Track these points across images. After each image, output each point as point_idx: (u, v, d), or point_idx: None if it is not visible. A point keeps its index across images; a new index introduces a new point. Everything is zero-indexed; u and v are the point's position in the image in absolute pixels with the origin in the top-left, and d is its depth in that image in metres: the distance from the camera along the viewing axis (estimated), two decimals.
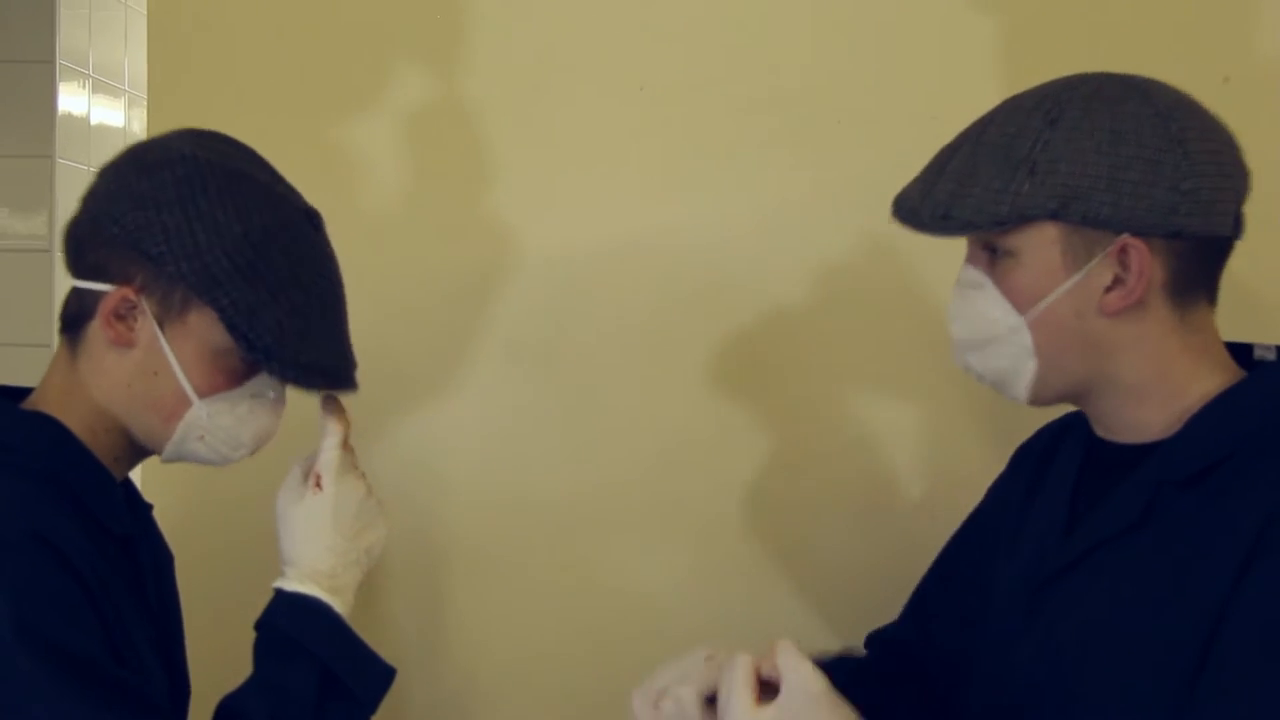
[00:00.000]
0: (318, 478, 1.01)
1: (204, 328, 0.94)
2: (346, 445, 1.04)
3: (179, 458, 1.00)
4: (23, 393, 1.00)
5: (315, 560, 0.98)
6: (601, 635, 1.44)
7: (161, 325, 0.94)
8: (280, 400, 1.02)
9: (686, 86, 1.40)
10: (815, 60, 1.39)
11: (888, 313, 1.39)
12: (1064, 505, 0.99)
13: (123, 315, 0.94)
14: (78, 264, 0.96)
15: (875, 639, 1.22)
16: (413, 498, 1.41)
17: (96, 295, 0.94)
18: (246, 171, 0.97)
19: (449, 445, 1.44)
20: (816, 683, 0.84)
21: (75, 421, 0.95)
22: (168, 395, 0.95)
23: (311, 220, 1.00)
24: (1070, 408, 1.02)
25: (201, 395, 0.96)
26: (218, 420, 0.97)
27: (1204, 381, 0.92)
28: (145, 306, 0.93)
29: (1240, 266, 0.96)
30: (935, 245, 0.99)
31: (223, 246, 0.92)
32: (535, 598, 1.45)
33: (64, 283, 0.99)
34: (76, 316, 0.96)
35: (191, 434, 0.97)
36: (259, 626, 0.97)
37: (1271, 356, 0.96)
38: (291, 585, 0.97)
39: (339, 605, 0.98)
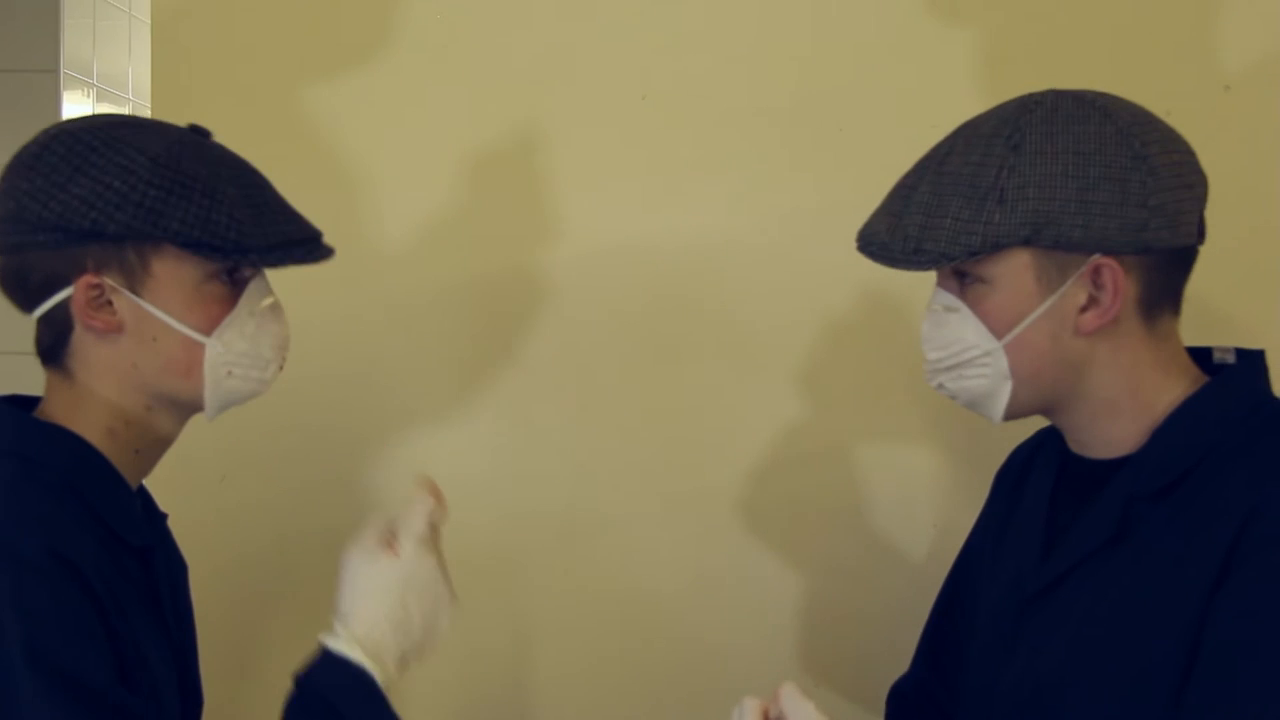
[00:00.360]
0: (397, 541, 0.98)
1: (172, 269, 0.94)
2: (435, 522, 1.01)
3: (222, 406, 0.99)
4: (33, 402, 0.99)
5: (370, 627, 0.95)
6: (606, 639, 1.44)
7: (135, 291, 0.94)
8: (278, 304, 1.02)
9: (688, 96, 1.41)
10: (817, 69, 1.40)
11: (890, 319, 1.39)
12: (1040, 525, 0.99)
13: (98, 304, 0.93)
14: (28, 296, 0.95)
15: (894, 693, 1.21)
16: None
17: (63, 305, 0.94)
18: (117, 120, 0.97)
19: (451, 455, 1.44)
20: None
21: (89, 430, 0.95)
22: (178, 351, 0.95)
23: (198, 132, 1.00)
24: (1044, 422, 1.02)
25: (207, 333, 0.96)
26: (235, 348, 0.97)
27: (1171, 391, 0.93)
28: (111, 282, 0.93)
29: (1241, 271, 0.96)
30: None
31: (142, 179, 0.92)
32: (539, 603, 1.45)
33: None
34: (55, 340, 0.96)
35: (219, 374, 0.97)
36: (297, 680, 0.95)
37: (1231, 359, 0.96)
38: (339, 646, 0.94)
39: (379, 674, 0.94)
